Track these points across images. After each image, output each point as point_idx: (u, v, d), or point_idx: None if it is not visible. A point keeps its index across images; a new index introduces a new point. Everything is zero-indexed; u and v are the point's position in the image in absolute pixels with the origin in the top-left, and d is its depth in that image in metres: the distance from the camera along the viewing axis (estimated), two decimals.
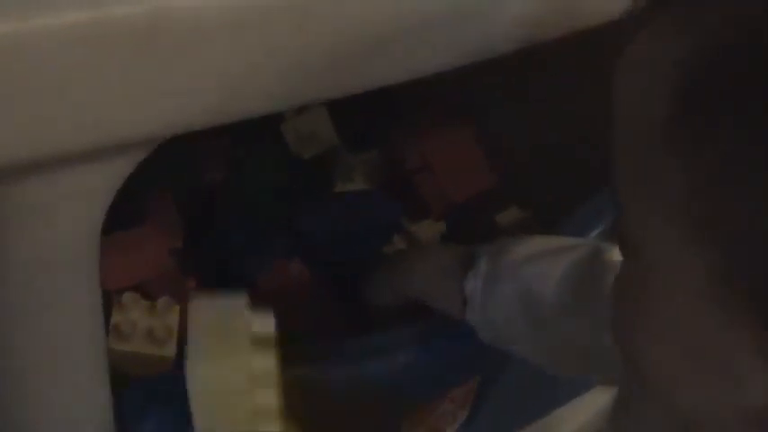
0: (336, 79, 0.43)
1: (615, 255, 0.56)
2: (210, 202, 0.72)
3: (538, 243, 0.62)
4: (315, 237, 0.73)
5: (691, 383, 0.34)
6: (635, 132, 0.32)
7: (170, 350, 0.60)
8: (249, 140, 0.75)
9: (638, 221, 0.33)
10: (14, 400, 0.48)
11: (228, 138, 0.74)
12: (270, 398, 0.53)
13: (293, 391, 0.55)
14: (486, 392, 0.72)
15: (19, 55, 0.34)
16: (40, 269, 0.42)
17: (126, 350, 0.58)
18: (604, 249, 0.58)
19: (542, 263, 0.60)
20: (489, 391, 0.72)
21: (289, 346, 0.57)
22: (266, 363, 0.54)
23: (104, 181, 0.41)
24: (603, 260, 0.57)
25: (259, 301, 0.61)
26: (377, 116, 0.80)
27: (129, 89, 0.37)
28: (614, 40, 0.33)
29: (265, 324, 0.55)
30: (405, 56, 0.45)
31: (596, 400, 0.81)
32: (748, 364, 0.30)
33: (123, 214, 0.47)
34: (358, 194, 0.78)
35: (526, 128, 0.78)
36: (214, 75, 0.39)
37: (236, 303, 0.55)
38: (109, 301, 0.59)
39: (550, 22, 0.49)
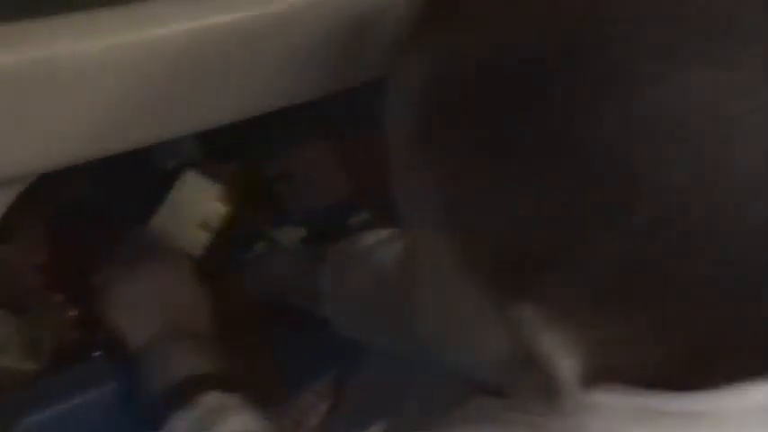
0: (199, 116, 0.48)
1: None
2: (76, 216, 0.74)
3: (382, 233, 0.68)
4: None
5: (453, 344, 0.41)
6: (399, 140, 0.38)
7: (40, 363, 0.62)
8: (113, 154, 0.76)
9: (405, 214, 0.39)
10: None
11: None
12: None
13: None
14: (346, 385, 0.77)
15: None
16: None
17: None
18: None
19: (385, 247, 0.66)
20: (350, 384, 0.77)
21: None
22: None
23: None
24: None
25: None
26: (237, 127, 0.83)
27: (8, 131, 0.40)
28: None
29: None
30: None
31: None
32: (491, 328, 0.36)
33: None
34: None
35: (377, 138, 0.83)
36: (91, 115, 0.42)
37: None
38: None
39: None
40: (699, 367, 0.35)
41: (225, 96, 0.48)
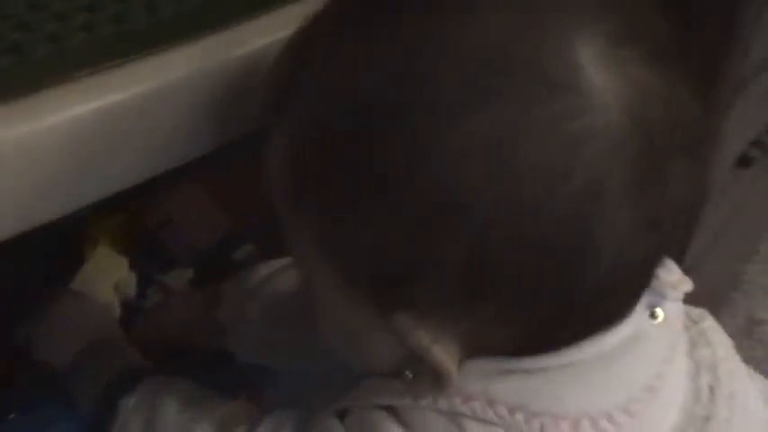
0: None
1: None
2: None
3: (270, 266, 0.73)
4: None
5: (355, 352, 0.49)
6: (277, 193, 0.46)
7: None
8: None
9: (294, 249, 0.48)
10: None
11: None
12: None
13: None
14: (261, 403, 0.81)
15: None
16: None
17: None
18: None
19: (276, 280, 0.71)
20: (264, 402, 0.81)
21: None
22: None
23: None
24: None
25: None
26: None
27: None
28: None
29: None
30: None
31: None
32: (382, 336, 0.45)
33: None
34: None
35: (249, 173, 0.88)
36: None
37: None
38: None
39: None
40: (547, 334, 0.44)
41: (127, 164, 0.52)
